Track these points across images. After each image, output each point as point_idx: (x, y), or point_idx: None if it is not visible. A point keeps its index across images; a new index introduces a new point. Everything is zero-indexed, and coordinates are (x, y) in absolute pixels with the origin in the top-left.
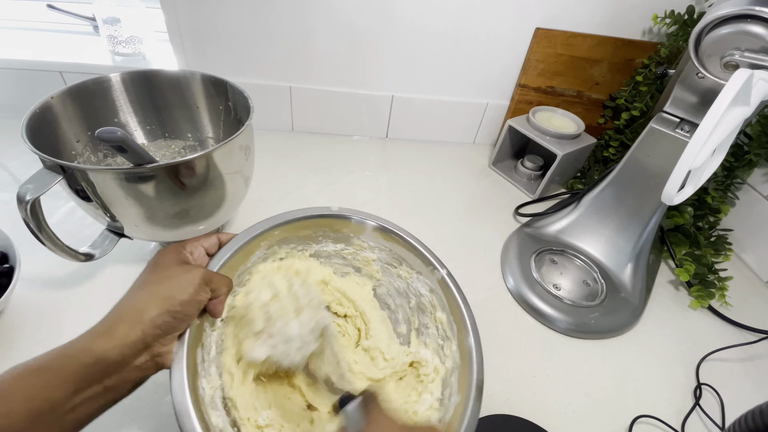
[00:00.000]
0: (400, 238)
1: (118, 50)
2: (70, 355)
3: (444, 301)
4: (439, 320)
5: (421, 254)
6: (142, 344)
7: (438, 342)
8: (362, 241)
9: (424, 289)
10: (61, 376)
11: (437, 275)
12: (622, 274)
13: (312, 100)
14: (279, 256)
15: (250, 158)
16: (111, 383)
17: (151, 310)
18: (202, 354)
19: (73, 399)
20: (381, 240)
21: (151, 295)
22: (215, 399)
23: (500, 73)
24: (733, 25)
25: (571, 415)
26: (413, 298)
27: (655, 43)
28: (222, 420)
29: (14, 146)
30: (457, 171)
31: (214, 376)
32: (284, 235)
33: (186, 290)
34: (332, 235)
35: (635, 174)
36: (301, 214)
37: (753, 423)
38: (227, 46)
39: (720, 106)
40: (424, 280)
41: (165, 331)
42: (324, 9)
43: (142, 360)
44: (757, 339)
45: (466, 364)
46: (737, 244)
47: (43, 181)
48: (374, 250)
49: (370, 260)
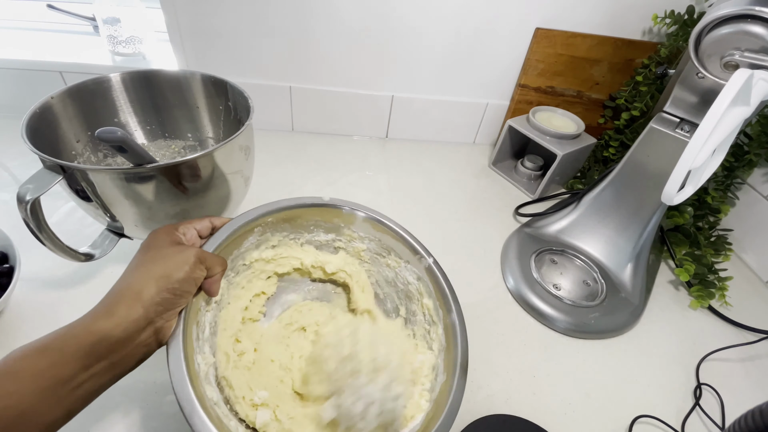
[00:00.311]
0: (390, 229)
1: (118, 50)
2: (73, 334)
3: (430, 287)
4: (426, 306)
5: (409, 244)
6: (144, 321)
7: (425, 327)
8: (353, 231)
9: (412, 277)
10: (67, 354)
11: (424, 263)
12: (622, 274)
13: (312, 100)
14: (271, 243)
15: (250, 158)
16: (116, 359)
17: (150, 288)
18: (197, 332)
19: (79, 376)
20: (371, 230)
21: (148, 274)
22: (209, 376)
23: (500, 73)
24: (733, 25)
25: (571, 415)
26: (401, 286)
27: (655, 43)
28: (216, 395)
29: (14, 146)
30: (457, 171)
31: (208, 354)
32: (277, 222)
33: (182, 268)
34: (324, 224)
35: (635, 174)
36: (294, 203)
37: (753, 423)
38: (227, 46)
39: (720, 106)
40: (412, 268)
41: (165, 307)
42: (324, 9)
43: (145, 336)
44: (757, 339)
45: (451, 343)
46: (737, 244)
47: (43, 181)
48: (364, 241)
49: (360, 250)
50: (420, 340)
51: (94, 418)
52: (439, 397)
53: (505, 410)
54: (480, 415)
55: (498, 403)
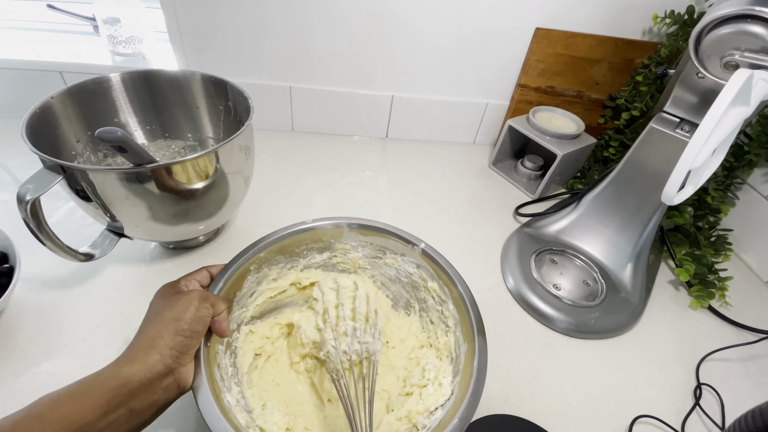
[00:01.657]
0: (376, 230)
1: (118, 50)
2: (99, 381)
3: (430, 270)
4: (432, 289)
5: (399, 237)
6: (162, 366)
7: (437, 309)
8: (344, 244)
9: (412, 267)
10: (91, 400)
11: (417, 249)
12: (622, 274)
13: (312, 100)
14: (272, 278)
15: (250, 158)
16: (136, 406)
17: (163, 335)
18: (219, 373)
19: (101, 421)
20: (360, 237)
21: (160, 323)
22: (240, 405)
23: (500, 73)
24: (733, 25)
25: (571, 415)
26: (405, 279)
27: (655, 43)
28: (245, 419)
29: (14, 146)
30: (457, 171)
31: (235, 391)
32: (270, 255)
33: (188, 309)
34: (315, 246)
35: (635, 174)
36: (282, 233)
37: (753, 423)
38: (227, 46)
39: (720, 106)
40: (409, 259)
41: (180, 351)
42: (324, 9)
43: (166, 382)
44: (757, 339)
45: (463, 313)
46: (737, 244)
47: (43, 181)
48: (357, 249)
49: (357, 259)
50: (438, 324)
51: None
52: (465, 364)
53: (505, 410)
54: (480, 415)
55: (498, 403)
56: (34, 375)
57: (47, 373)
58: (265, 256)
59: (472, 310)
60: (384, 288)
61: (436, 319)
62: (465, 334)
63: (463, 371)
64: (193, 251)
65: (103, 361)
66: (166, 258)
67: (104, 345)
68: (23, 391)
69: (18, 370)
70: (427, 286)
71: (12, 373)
